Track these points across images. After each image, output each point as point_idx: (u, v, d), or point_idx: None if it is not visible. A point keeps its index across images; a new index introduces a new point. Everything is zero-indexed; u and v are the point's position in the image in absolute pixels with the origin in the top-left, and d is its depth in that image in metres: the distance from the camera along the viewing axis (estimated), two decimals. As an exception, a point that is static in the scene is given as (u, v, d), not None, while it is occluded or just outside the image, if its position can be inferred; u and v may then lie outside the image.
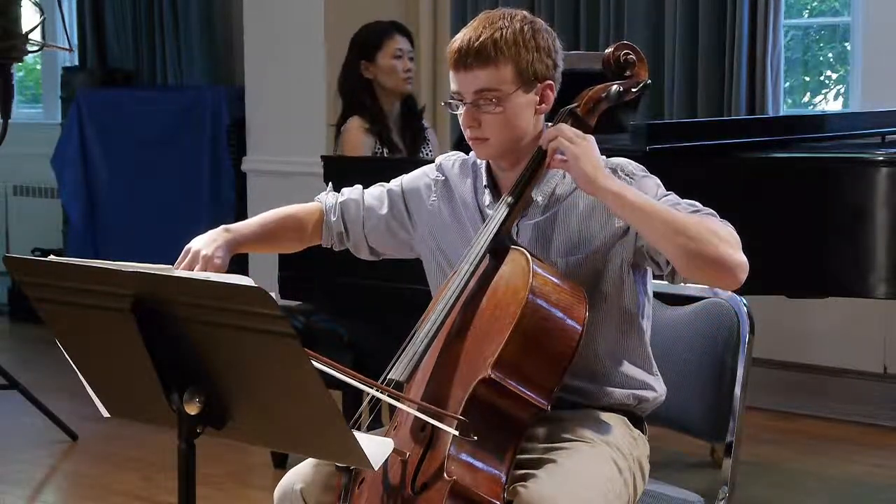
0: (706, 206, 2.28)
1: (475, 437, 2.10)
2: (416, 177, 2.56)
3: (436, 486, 2.08)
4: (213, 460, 4.28)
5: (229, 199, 6.43)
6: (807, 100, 5.87)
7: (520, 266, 2.21)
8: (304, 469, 2.32)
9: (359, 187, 2.60)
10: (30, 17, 4.72)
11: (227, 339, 1.84)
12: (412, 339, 2.23)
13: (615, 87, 2.40)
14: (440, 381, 2.21)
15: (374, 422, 2.26)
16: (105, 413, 2.12)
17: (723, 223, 2.22)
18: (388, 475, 2.17)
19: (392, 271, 3.12)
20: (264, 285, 1.76)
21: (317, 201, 2.58)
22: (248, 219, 2.51)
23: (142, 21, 7.09)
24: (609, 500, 2.21)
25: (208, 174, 6.51)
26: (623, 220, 2.28)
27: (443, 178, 2.52)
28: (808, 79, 5.88)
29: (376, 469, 1.92)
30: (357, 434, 1.85)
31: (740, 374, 2.53)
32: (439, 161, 2.57)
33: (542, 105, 2.37)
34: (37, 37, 4.64)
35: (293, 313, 4.19)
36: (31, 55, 4.81)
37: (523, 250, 2.25)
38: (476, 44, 2.29)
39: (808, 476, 4.52)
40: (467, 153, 2.52)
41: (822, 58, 5.92)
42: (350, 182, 2.63)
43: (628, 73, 2.43)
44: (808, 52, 5.89)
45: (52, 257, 2.03)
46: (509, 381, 2.12)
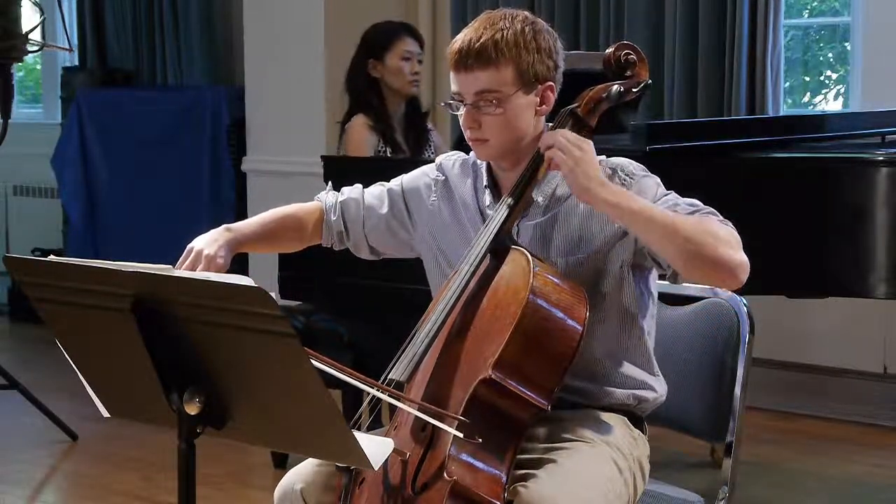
0: (706, 206, 2.28)
1: (479, 440, 2.10)
2: (417, 176, 2.56)
3: (436, 487, 2.08)
4: (213, 460, 4.28)
5: (229, 199, 6.42)
6: (807, 100, 5.87)
7: (520, 266, 2.21)
8: (305, 469, 2.32)
9: (359, 186, 2.59)
10: (30, 17, 4.72)
11: (227, 339, 1.83)
12: (412, 339, 2.23)
13: (616, 87, 2.40)
14: (440, 382, 2.21)
15: (374, 422, 2.26)
16: (105, 413, 2.12)
17: (723, 223, 2.22)
18: (388, 475, 2.16)
19: (392, 271, 3.12)
20: (264, 285, 1.76)
21: (317, 200, 2.58)
22: (249, 218, 2.50)
23: (142, 21, 7.09)
24: (609, 499, 2.21)
25: (208, 174, 6.50)
26: (621, 226, 2.28)
27: (443, 178, 2.52)
28: (808, 79, 5.88)
29: (376, 469, 1.92)
30: (357, 434, 1.85)
31: (740, 374, 2.53)
32: (439, 161, 2.56)
33: (543, 106, 2.36)
34: (37, 37, 4.64)
35: (293, 313, 4.19)
36: (31, 55, 4.81)
37: (524, 250, 2.24)
38: (477, 45, 2.29)
39: (808, 476, 4.52)
40: (467, 153, 2.52)
41: (822, 58, 5.91)
42: (350, 182, 2.63)
43: (629, 73, 2.42)
44: (808, 52, 5.89)
45: (52, 257, 2.03)
46: (510, 381, 2.12)
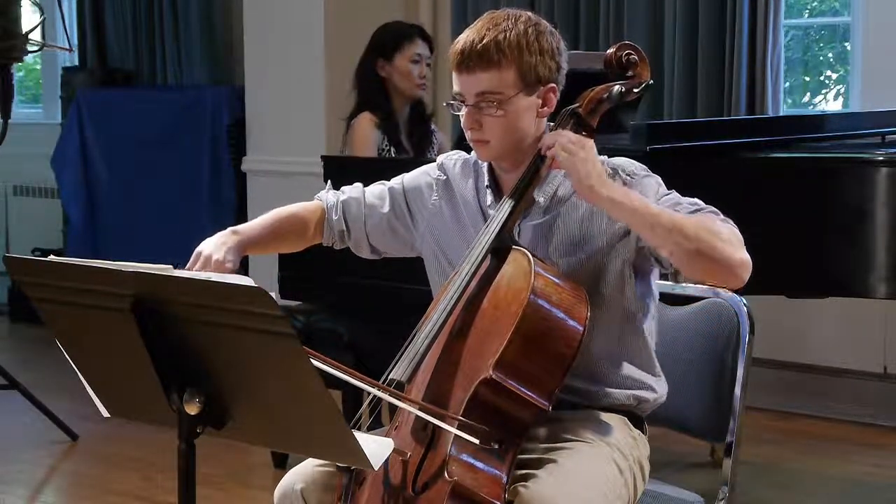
0: (708, 205, 2.28)
1: (496, 446, 2.10)
2: (418, 175, 2.55)
3: (437, 487, 2.08)
4: (213, 460, 4.28)
5: (229, 199, 6.42)
6: (807, 100, 5.86)
7: (521, 266, 2.21)
8: (305, 469, 2.32)
9: (359, 185, 2.59)
10: (30, 17, 4.72)
11: (227, 339, 1.83)
12: (413, 339, 2.23)
13: (617, 87, 2.40)
14: (441, 382, 2.21)
15: (374, 422, 2.26)
16: (105, 413, 2.12)
17: (724, 221, 2.21)
18: (388, 475, 2.16)
19: (392, 271, 3.12)
20: (264, 285, 1.76)
21: (317, 199, 2.57)
22: (253, 220, 2.48)
23: (142, 21, 7.09)
24: (609, 500, 2.21)
25: (208, 174, 6.50)
26: (623, 224, 2.27)
27: (444, 178, 2.52)
28: (808, 79, 5.88)
29: (376, 469, 1.92)
30: (357, 434, 1.85)
31: (740, 374, 2.53)
32: (441, 160, 2.56)
33: (545, 108, 2.36)
34: (37, 37, 4.64)
35: (293, 313, 4.19)
36: (31, 55, 4.81)
37: (525, 251, 2.24)
38: (479, 46, 2.28)
39: (808, 476, 4.52)
40: (468, 152, 2.51)
41: (822, 58, 5.91)
42: (350, 182, 2.62)
43: (630, 73, 2.42)
44: (808, 52, 5.88)
45: (52, 257, 2.03)
46: (510, 381, 2.12)
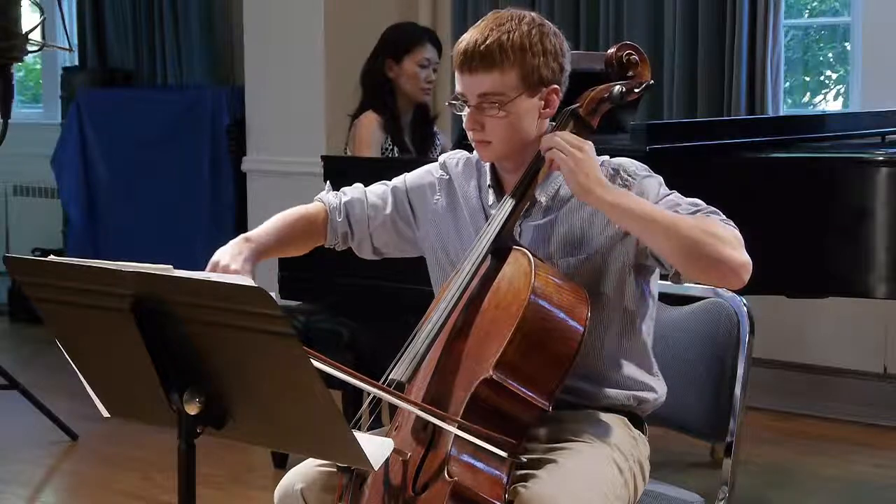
0: (708, 205, 2.28)
1: (525, 460, 2.10)
2: (420, 175, 2.55)
3: (437, 487, 2.08)
4: (213, 460, 4.28)
5: (229, 199, 6.42)
6: (807, 100, 5.86)
7: (522, 267, 2.21)
8: (305, 469, 2.31)
9: (360, 186, 2.58)
10: (30, 17, 4.72)
11: (227, 339, 1.83)
12: (413, 339, 2.23)
13: (618, 87, 2.39)
14: (442, 382, 2.21)
15: (374, 422, 2.26)
16: (105, 413, 2.12)
17: (725, 222, 2.21)
18: (389, 475, 2.16)
19: (392, 272, 3.11)
20: (264, 285, 1.76)
21: (318, 201, 2.55)
22: (262, 226, 2.45)
23: (142, 21, 7.08)
24: (609, 500, 2.21)
25: (208, 174, 6.50)
26: (622, 227, 2.27)
27: (447, 177, 2.51)
28: (808, 79, 5.88)
29: (376, 469, 1.92)
30: (357, 434, 1.85)
31: (740, 374, 2.53)
32: (443, 159, 2.56)
33: (547, 109, 2.35)
34: (37, 37, 4.64)
35: (293, 313, 4.19)
36: (31, 55, 4.81)
37: (525, 251, 2.24)
38: (482, 47, 2.28)
39: (808, 476, 4.52)
40: (470, 152, 2.51)
41: (822, 58, 5.91)
42: (350, 183, 2.61)
43: (631, 73, 2.41)
44: (808, 52, 5.88)
45: (52, 257, 2.02)
46: (511, 381, 2.12)
